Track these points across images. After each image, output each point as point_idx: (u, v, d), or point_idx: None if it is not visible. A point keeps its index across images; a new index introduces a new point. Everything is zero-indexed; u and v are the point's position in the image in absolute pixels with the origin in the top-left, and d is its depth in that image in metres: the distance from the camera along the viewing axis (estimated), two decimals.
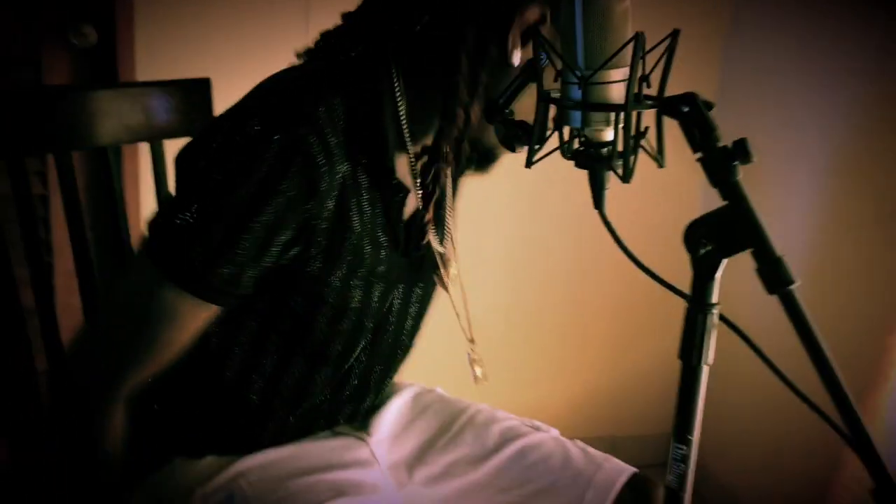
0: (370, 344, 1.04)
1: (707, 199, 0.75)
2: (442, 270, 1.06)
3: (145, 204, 1.59)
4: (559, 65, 0.76)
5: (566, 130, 0.79)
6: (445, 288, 1.08)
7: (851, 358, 1.38)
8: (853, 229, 1.74)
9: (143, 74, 1.56)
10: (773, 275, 0.71)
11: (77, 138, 1.17)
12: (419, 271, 1.06)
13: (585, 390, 2.25)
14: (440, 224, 1.07)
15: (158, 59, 1.58)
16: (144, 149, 1.27)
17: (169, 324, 0.90)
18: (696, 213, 0.75)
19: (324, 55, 0.96)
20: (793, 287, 0.70)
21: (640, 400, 2.25)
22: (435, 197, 0.98)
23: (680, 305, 0.76)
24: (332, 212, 0.88)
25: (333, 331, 0.97)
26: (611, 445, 2.22)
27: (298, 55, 0.98)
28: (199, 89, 1.26)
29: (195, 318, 0.90)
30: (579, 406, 2.25)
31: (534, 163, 0.78)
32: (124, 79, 1.56)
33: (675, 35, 0.78)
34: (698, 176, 0.73)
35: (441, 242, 1.06)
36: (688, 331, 0.75)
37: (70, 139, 1.16)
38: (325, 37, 0.97)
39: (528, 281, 2.11)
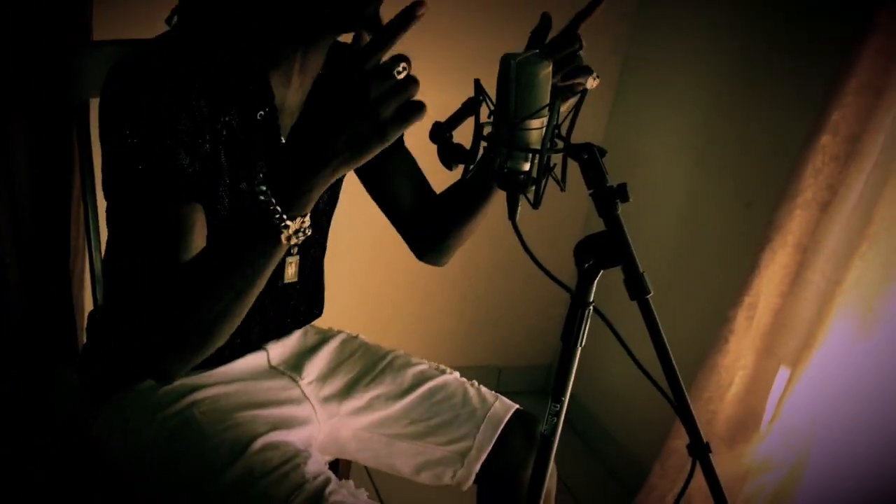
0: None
1: (591, 221, 0.98)
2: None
3: None
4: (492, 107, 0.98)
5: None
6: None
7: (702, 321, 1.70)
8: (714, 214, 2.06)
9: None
10: (636, 286, 0.95)
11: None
12: None
13: (474, 326, 2.53)
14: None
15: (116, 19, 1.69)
16: None
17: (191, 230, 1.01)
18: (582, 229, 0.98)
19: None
20: (648, 296, 0.95)
21: (523, 335, 2.57)
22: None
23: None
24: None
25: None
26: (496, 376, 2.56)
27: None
28: None
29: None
30: (472, 341, 2.55)
31: (468, 179, 1.01)
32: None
33: (583, 94, 1.01)
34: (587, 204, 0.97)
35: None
36: (569, 320, 1.00)
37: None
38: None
39: None
